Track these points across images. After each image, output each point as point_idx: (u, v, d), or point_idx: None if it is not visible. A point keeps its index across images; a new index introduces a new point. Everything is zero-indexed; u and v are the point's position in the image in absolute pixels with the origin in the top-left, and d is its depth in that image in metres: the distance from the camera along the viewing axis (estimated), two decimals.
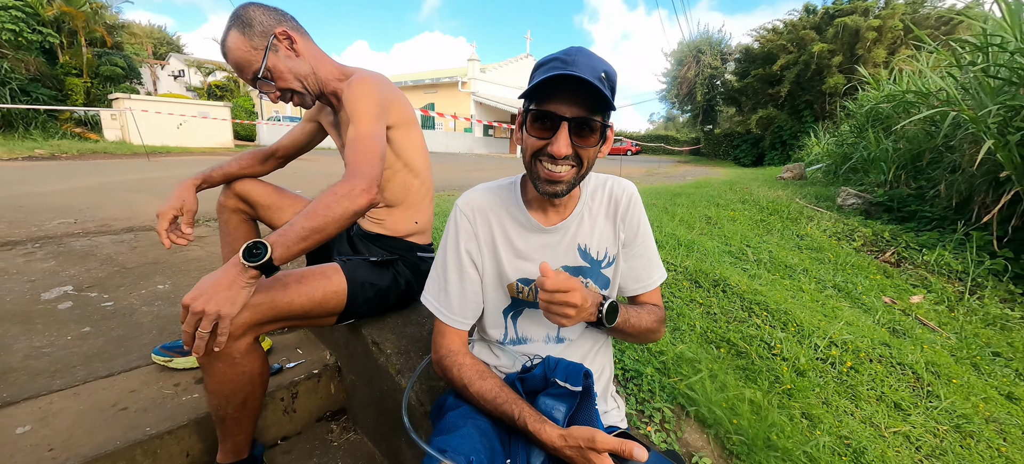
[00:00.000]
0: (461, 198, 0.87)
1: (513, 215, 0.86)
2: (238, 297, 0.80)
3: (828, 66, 17.13)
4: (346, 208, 0.88)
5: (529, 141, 0.74)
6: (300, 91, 1.05)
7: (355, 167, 0.93)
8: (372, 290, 1.14)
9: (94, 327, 1.53)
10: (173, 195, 1.18)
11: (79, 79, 13.73)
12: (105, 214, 3.17)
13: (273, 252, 0.81)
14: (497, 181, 0.90)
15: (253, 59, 0.98)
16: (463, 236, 0.85)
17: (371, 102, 1.03)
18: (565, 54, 0.71)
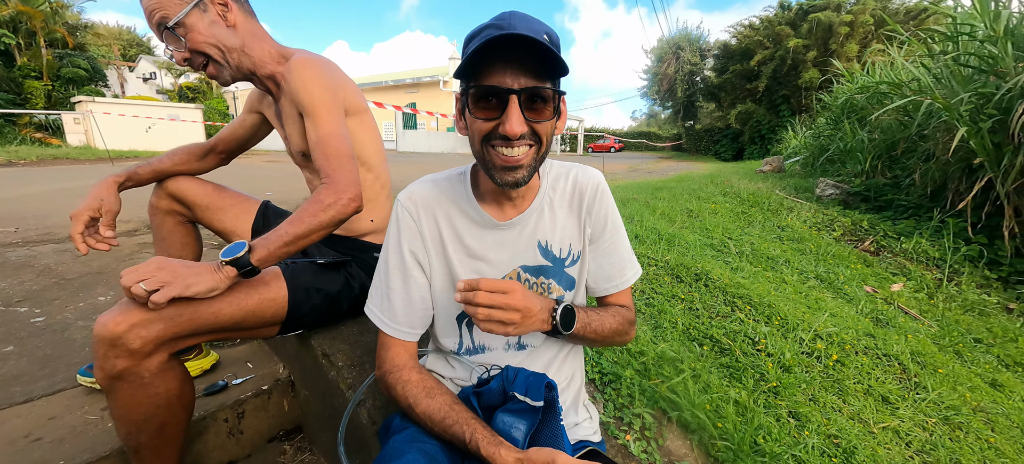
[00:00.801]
0: (403, 192, 0.76)
1: (463, 210, 0.75)
2: (203, 282, 0.76)
3: (803, 61, 17.50)
4: (333, 217, 0.86)
5: (476, 125, 0.64)
6: (217, 60, 0.92)
7: (334, 174, 0.88)
8: (319, 296, 1.02)
9: (18, 346, 1.37)
10: (90, 194, 1.04)
11: (39, 82, 13.10)
12: (50, 222, 2.95)
13: (253, 253, 0.79)
14: (444, 172, 0.80)
15: (169, 5, 0.84)
16: (406, 234, 0.74)
17: (324, 91, 0.92)
18: (498, 19, 0.62)
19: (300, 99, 0.92)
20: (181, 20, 0.86)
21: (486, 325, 0.61)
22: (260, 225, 1.22)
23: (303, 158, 1.08)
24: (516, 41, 0.58)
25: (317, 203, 0.86)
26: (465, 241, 0.75)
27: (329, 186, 0.88)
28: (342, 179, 0.89)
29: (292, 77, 0.92)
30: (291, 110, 1.01)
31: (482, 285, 0.60)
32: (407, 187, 0.77)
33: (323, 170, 0.90)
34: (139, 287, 0.69)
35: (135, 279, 0.70)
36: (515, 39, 0.57)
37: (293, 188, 5.46)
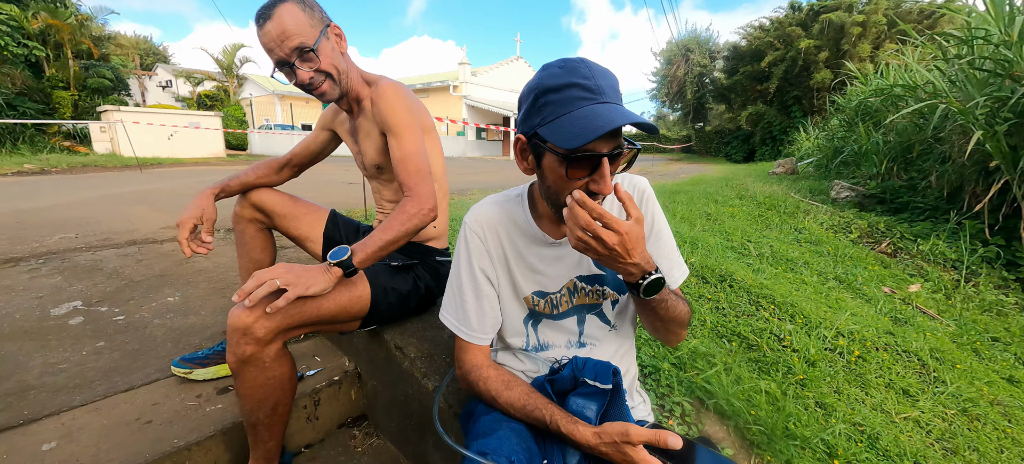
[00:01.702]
0: (469, 215, 0.87)
1: (522, 228, 0.86)
2: (319, 282, 0.89)
3: (815, 62, 17.39)
4: (416, 225, 1.00)
5: (565, 183, 0.69)
6: (335, 80, 1.06)
7: (415, 188, 1.01)
8: (394, 295, 1.15)
9: (108, 341, 1.52)
10: (192, 204, 1.19)
11: (66, 92, 13.55)
12: (105, 228, 3.14)
13: (355, 257, 0.93)
14: (503, 193, 0.91)
15: (306, 34, 0.97)
16: (475, 254, 0.85)
17: (408, 113, 1.06)
18: (586, 80, 0.65)
19: (387, 119, 1.05)
20: (318, 45, 0.99)
21: (580, 239, 0.66)
22: (330, 231, 1.36)
23: (376, 170, 1.21)
24: (618, 115, 0.63)
25: (403, 213, 0.99)
26: (526, 258, 0.87)
27: (412, 198, 1.01)
28: (423, 192, 1.02)
29: (381, 100, 1.06)
30: (370, 128, 1.15)
31: (598, 212, 0.64)
32: (472, 210, 0.88)
33: (405, 184, 1.03)
34: (273, 283, 0.82)
35: (269, 276, 0.83)
36: (618, 114, 0.63)
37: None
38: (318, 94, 1.07)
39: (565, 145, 0.64)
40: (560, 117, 0.66)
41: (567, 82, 0.66)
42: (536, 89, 0.69)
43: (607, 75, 0.68)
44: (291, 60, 0.99)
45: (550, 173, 0.72)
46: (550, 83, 0.67)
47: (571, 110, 0.65)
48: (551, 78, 0.67)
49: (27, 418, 1.14)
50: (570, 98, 0.66)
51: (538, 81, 0.69)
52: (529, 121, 0.71)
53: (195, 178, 7.43)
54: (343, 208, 4.07)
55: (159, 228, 3.19)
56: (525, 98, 0.72)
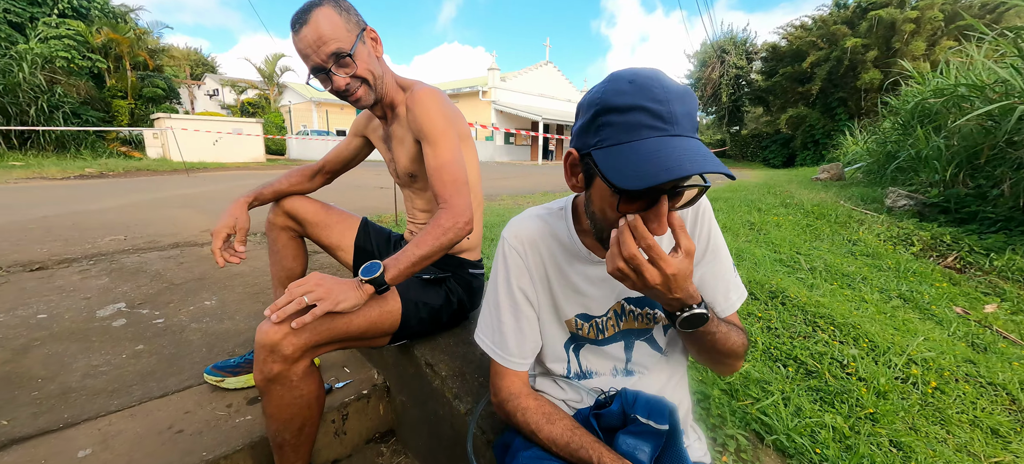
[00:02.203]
0: (508, 230, 0.80)
1: (565, 246, 0.78)
2: (350, 298, 0.85)
3: (862, 61, 16.47)
4: (451, 239, 0.94)
5: (611, 214, 0.62)
6: (371, 85, 1.03)
7: (451, 199, 0.96)
8: (425, 310, 1.10)
9: (147, 345, 1.55)
10: (226, 213, 1.18)
11: (124, 101, 14.53)
12: (152, 230, 3.28)
13: (387, 273, 0.88)
14: (545, 207, 0.83)
15: (343, 38, 0.94)
16: (514, 272, 0.78)
17: (445, 121, 1.01)
18: (657, 104, 0.55)
19: (423, 127, 1.00)
20: (355, 50, 0.96)
21: (619, 268, 0.58)
22: (362, 240, 1.33)
23: (409, 178, 1.17)
24: (690, 159, 0.53)
25: (438, 227, 0.93)
26: (568, 277, 0.79)
27: (447, 211, 0.95)
28: (458, 204, 0.96)
29: (417, 107, 1.01)
30: (404, 134, 1.10)
31: (647, 242, 0.56)
32: (511, 224, 0.81)
33: (441, 195, 0.98)
34: (302, 300, 0.78)
35: (299, 292, 0.79)
36: (690, 158, 0.53)
37: None
38: (353, 100, 1.03)
39: (622, 182, 0.54)
40: (621, 145, 0.56)
41: (634, 104, 0.55)
42: (597, 104, 0.58)
43: (685, 98, 0.57)
44: (327, 66, 0.96)
45: (599, 201, 0.64)
46: (615, 101, 0.57)
47: (634, 139, 0.55)
48: (617, 95, 0.57)
49: (66, 422, 1.15)
50: (635, 124, 0.56)
51: (601, 95, 0.58)
52: (584, 138, 0.61)
53: (236, 182, 7.75)
54: (374, 213, 4.11)
55: (200, 231, 3.30)
56: (584, 110, 0.61)
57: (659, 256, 0.56)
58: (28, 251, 2.59)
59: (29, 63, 11.25)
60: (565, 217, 0.79)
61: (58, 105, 12.03)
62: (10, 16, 12.56)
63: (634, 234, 0.56)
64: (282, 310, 0.78)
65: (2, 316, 1.70)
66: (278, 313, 0.77)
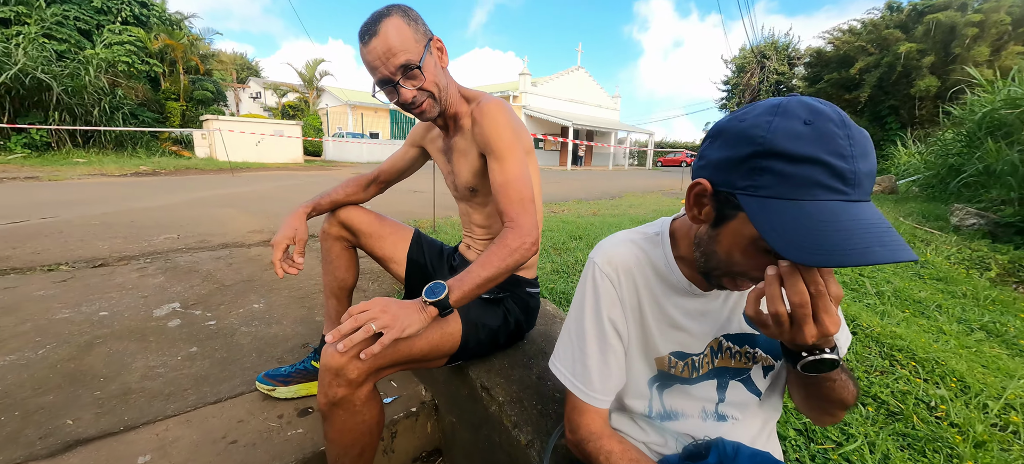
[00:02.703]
0: (599, 253, 0.74)
1: (663, 276, 0.71)
2: (414, 322, 0.81)
3: (917, 67, 15.51)
4: (517, 260, 0.89)
5: (747, 267, 0.56)
6: (436, 98, 1.00)
7: (518, 218, 0.91)
8: (484, 331, 1.05)
9: (200, 347, 1.57)
10: (285, 224, 1.17)
11: (176, 103, 15.43)
12: (201, 230, 3.41)
13: (451, 294, 0.83)
14: (639, 230, 0.77)
15: (412, 50, 0.91)
16: (606, 302, 0.71)
17: (513, 135, 0.97)
18: (840, 160, 0.46)
19: (490, 141, 0.96)
20: (423, 62, 0.93)
21: (776, 310, 0.50)
22: (415, 253, 1.30)
23: (470, 193, 1.13)
24: (879, 241, 0.45)
25: (504, 247, 0.89)
26: (665, 310, 0.72)
27: (514, 230, 0.90)
28: (526, 223, 0.91)
29: (485, 120, 0.97)
30: (467, 147, 1.06)
31: (815, 282, 0.48)
32: (602, 247, 0.75)
33: (507, 213, 0.93)
34: (369, 327, 0.75)
35: (366, 319, 0.75)
36: (879, 240, 0.45)
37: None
38: (418, 113, 1.00)
39: (793, 254, 0.45)
40: (785, 201, 0.47)
41: (812, 155, 0.46)
42: (758, 143, 0.48)
43: (868, 151, 0.47)
44: (395, 79, 0.93)
45: (729, 244, 0.56)
46: (785, 145, 0.46)
47: (804, 199, 0.46)
48: (790, 138, 0.46)
49: (126, 424, 1.17)
50: (808, 181, 0.46)
51: (766, 133, 0.48)
52: (728, 175, 0.52)
53: (276, 182, 8.03)
54: (409, 218, 4.14)
55: (246, 232, 3.40)
56: (733, 141, 0.52)
57: (825, 308, 0.49)
58: (92, 247, 2.73)
59: (94, 67, 12.10)
60: (662, 244, 0.72)
61: (118, 106, 12.87)
62: (79, 24, 13.56)
63: (784, 283, 0.49)
64: (349, 339, 0.75)
65: (69, 312, 1.78)
66: (345, 343, 0.74)
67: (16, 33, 11.46)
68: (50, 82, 10.96)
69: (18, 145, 10.83)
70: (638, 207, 5.76)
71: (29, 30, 11.58)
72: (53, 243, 2.78)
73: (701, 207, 0.59)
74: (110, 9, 14.35)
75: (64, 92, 11.34)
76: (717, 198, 0.56)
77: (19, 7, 12.29)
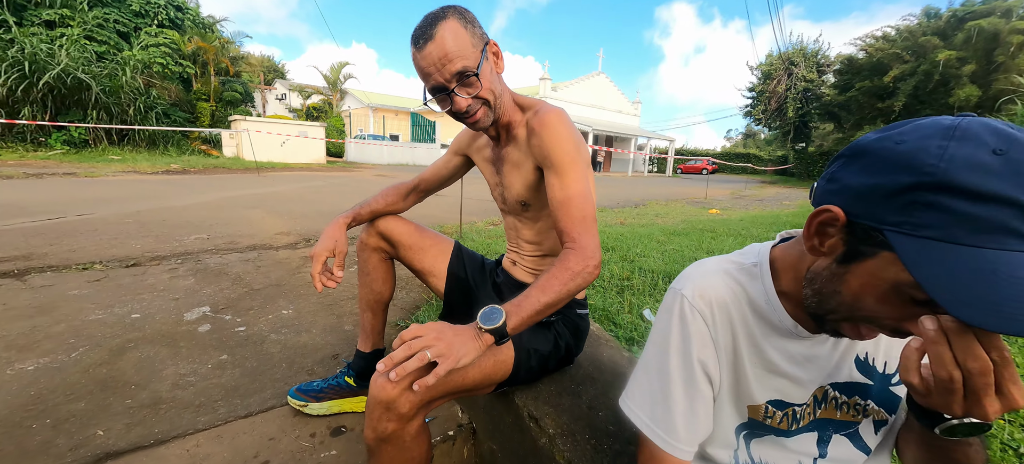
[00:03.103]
0: (688, 284, 0.64)
1: (763, 314, 0.62)
2: (471, 351, 0.73)
3: (957, 76, 14.86)
4: (579, 285, 0.81)
5: (884, 314, 0.47)
6: (492, 106, 0.93)
7: (580, 238, 0.83)
8: (536, 357, 0.97)
9: (230, 355, 1.53)
10: (325, 235, 1.12)
11: (206, 103, 15.90)
12: (230, 231, 3.43)
13: (508, 321, 0.76)
14: (731, 259, 0.67)
15: (469, 55, 0.84)
16: (697, 341, 0.61)
17: (576, 148, 0.89)
18: None
19: (551, 154, 0.88)
20: (480, 68, 0.86)
21: (950, 374, 0.40)
22: (455, 266, 1.23)
23: (521, 207, 1.05)
24: None
25: (566, 270, 0.80)
26: (765, 353, 0.62)
27: (576, 252, 0.82)
28: (588, 244, 0.83)
29: (545, 131, 0.89)
30: (521, 159, 0.99)
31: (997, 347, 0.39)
32: (691, 278, 0.65)
33: (567, 232, 0.85)
34: (424, 355, 0.68)
35: (420, 346, 0.68)
36: None
37: None
38: (471, 122, 0.93)
39: (960, 309, 0.37)
40: (958, 246, 0.38)
41: (1005, 194, 0.37)
42: (928, 174, 0.39)
43: None
44: (450, 86, 0.86)
45: (861, 287, 0.47)
46: (968, 180, 0.38)
47: (987, 246, 0.38)
48: (974, 172, 0.38)
49: (157, 438, 1.13)
50: (997, 225, 0.37)
51: (937, 161, 0.39)
52: (874, 205, 0.43)
53: (301, 183, 8.14)
54: (434, 222, 4.10)
55: (274, 234, 3.41)
56: (884, 166, 0.43)
57: (1013, 379, 0.39)
58: (125, 246, 2.76)
59: (131, 68, 12.55)
60: (761, 277, 0.63)
61: (152, 106, 13.31)
62: (119, 26, 14.12)
63: (951, 344, 0.40)
64: (402, 366, 0.67)
65: (101, 313, 1.77)
66: (397, 371, 0.67)
67: (60, 35, 11.99)
68: (90, 82, 11.41)
69: (58, 142, 11.28)
70: (664, 216, 5.60)
71: (72, 31, 12.10)
72: (88, 241, 2.83)
73: (825, 238, 0.50)
74: (147, 13, 14.91)
75: (102, 92, 11.78)
76: (851, 231, 0.47)
77: (64, 9, 12.86)
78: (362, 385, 1.28)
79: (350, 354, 1.58)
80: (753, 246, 0.70)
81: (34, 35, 11.35)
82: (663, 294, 2.02)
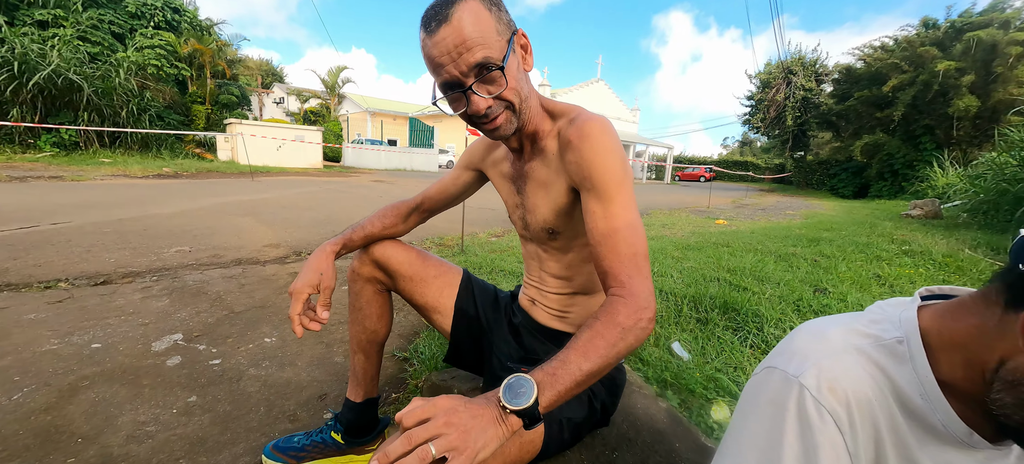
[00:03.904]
0: (808, 368, 0.45)
1: (918, 414, 0.44)
2: (492, 439, 0.53)
3: (955, 87, 14.85)
4: (631, 345, 0.61)
5: None
6: (517, 110, 0.74)
7: (630, 283, 0.64)
8: (569, 427, 0.78)
9: (200, 396, 1.33)
10: (309, 267, 0.92)
11: (202, 106, 15.66)
12: (216, 242, 3.22)
13: (541, 395, 0.55)
14: (858, 326, 0.49)
15: (493, 44, 0.67)
16: (827, 454, 0.42)
17: (623, 168, 0.71)
18: None
19: (594, 173, 0.70)
20: (506, 61, 0.68)
21: None
22: (463, 301, 1.03)
23: (547, 235, 0.86)
24: None
25: (613, 326, 0.61)
26: None
27: (626, 301, 0.63)
28: (640, 290, 0.64)
29: (587, 145, 0.71)
30: (551, 177, 0.80)
31: None
32: (809, 356, 0.46)
33: (614, 273, 0.66)
34: (428, 449, 0.48)
35: (425, 437, 0.49)
36: None
37: None
38: (490, 129, 0.74)
39: None
40: None
41: None
42: None
43: None
44: (467, 81, 0.67)
45: None
46: None
47: None
48: None
49: None
50: None
51: None
52: None
53: (295, 188, 7.92)
54: (430, 234, 3.90)
55: (262, 246, 3.20)
56: None
57: None
58: (97, 260, 2.54)
59: (125, 70, 12.33)
60: (912, 358, 0.44)
61: (146, 108, 13.07)
62: (114, 27, 13.90)
63: None
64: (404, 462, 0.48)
65: (57, 343, 1.56)
66: None
67: (52, 35, 11.76)
68: (81, 83, 11.17)
69: (47, 144, 11.02)
70: (671, 227, 5.43)
71: (65, 32, 11.88)
72: (57, 254, 2.61)
73: (990, 303, 0.39)
74: (144, 14, 14.70)
75: (94, 93, 11.55)
76: None
77: (57, 10, 12.64)
78: (351, 442, 1.08)
79: (339, 395, 1.38)
80: (885, 308, 0.51)
81: (25, 35, 11.12)
82: (690, 323, 1.83)
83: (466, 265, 2.78)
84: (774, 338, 1.71)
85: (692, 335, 1.73)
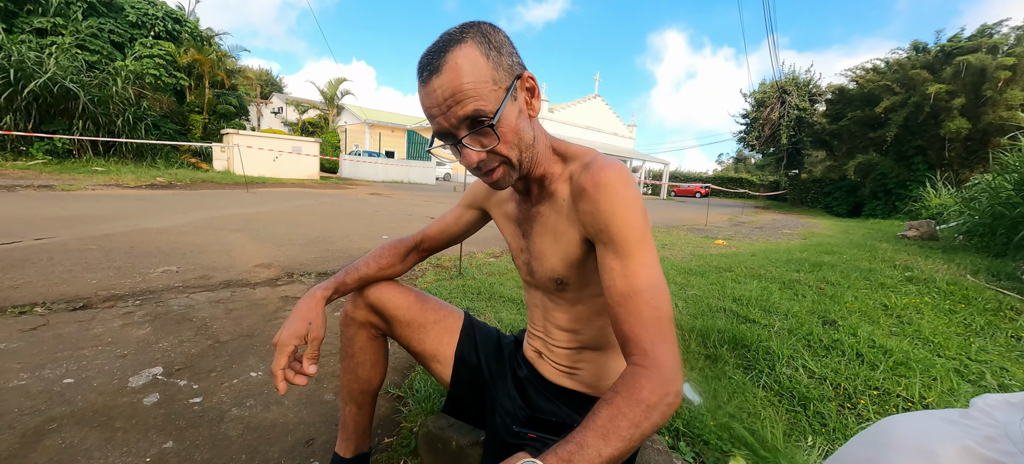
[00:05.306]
0: None
1: None
2: None
3: (946, 109, 15.10)
4: (655, 424, 0.54)
5: None
6: (514, 164, 0.68)
7: (655, 352, 0.57)
8: None
9: (177, 441, 1.23)
10: (296, 316, 0.84)
11: (200, 116, 15.60)
12: (205, 261, 3.12)
13: None
14: (988, 457, 0.42)
15: (486, 95, 0.61)
16: None
17: (643, 221, 0.64)
18: None
19: (612, 226, 0.63)
20: (500, 114, 0.62)
21: None
22: (465, 349, 0.96)
23: (555, 285, 0.79)
24: None
25: (636, 404, 0.54)
26: None
27: (650, 373, 0.56)
28: (666, 360, 0.57)
29: (603, 196, 0.64)
30: (561, 225, 0.73)
31: None
32: (913, 445, 0.40)
33: (635, 339, 0.59)
34: None
35: None
36: None
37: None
38: (488, 181, 0.69)
39: None
40: None
41: None
42: None
43: None
44: (459, 134, 0.62)
45: None
46: None
47: None
48: None
49: None
50: None
51: None
52: None
53: (290, 201, 7.82)
54: (428, 258, 3.79)
55: (253, 267, 3.10)
56: None
57: None
58: (79, 281, 2.43)
59: (122, 79, 12.27)
60: None
61: (142, 117, 12.98)
62: (114, 36, 13.88)
63: None
64: None
65: (26, 378, 1.46)
66: None
67: (50, 43, 11.70)
68: (77, 91, 11.09)
69: (40, 152, 10.88)
70: (670, 247, 5.38)
71: (63, 40, 11.83)
72: (37, 273, 2.50)
73: None
74: (144, 24, 14.71)
75: (90, 101, 11.46)
76: None
77: (57, 18, 12.62)
78: None
79: (327, 440, 1.28)
80: (986, 407, 0.45)
81: (23, 42, 11.06)
82: (699, 361, 1.76)
83: (463, 288, 2.69)
84: (786, 378, 1.64)
85: (702, 375, 1.65)
